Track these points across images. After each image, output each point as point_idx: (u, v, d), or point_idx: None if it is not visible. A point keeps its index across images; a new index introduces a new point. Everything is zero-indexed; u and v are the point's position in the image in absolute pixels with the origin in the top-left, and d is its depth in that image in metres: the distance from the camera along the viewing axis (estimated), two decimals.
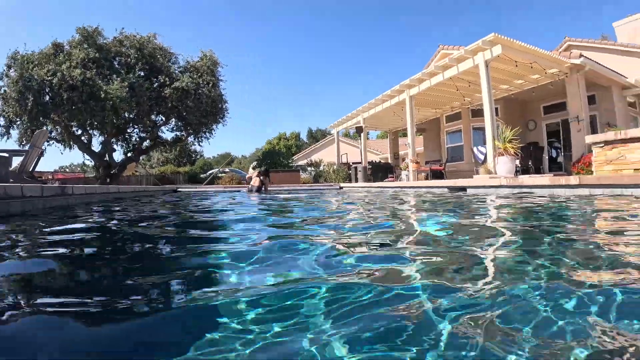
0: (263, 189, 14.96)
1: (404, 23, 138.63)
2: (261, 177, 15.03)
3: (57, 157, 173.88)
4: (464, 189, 10.13)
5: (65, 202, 6.54)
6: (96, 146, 23.86)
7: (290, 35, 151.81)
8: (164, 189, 17.71)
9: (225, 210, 6.54)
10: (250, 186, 14.93)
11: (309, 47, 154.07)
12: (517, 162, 12.03)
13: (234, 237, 3.23)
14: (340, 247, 2.55)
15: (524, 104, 19.17)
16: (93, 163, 24.18)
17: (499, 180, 9.55)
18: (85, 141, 22.87)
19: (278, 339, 1.14)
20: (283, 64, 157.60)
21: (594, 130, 14.53)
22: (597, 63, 14.36)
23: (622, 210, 4.56)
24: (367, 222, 4.45)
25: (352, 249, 2.47)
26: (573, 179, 7.44)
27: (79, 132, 22.41)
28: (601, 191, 6.93)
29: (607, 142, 8.39)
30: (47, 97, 18.28)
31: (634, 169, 7.78)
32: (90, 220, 4.88)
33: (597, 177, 7.36)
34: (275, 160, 27.17)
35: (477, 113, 18.80)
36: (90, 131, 22.34)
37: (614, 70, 15.17)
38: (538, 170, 15.85)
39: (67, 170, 57.26)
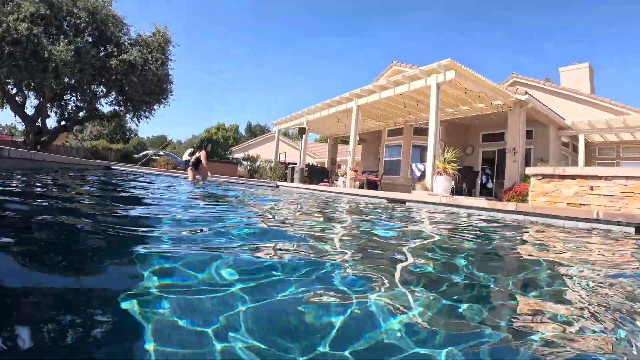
0: (200, 176, 14.14)
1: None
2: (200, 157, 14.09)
3: None
4: (403, 202, 10.16)
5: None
6: (29, 109, 22.16)
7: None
8: (98, 165, 16.73)
9: None
10: (191, 159, 14.04)
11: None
12: (453, 182, 12.28)
13: None
14: None
15: (465, 129, 19.74)
16: (24, 127, 22.49)
17: (438, 197, 9.65)
18: (20, 102, 21.23)
19: None
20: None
21: (527, 163, 15.18)
22: (540, 102, 15.02)
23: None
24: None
25: None
26: (510, 205, 7.60)
27: (14, 91, 20.75)
28: (535, 219, 7.14)
29: (545, 176, 8.70)
30: None
31: (567, 203, 8.10)
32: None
33: (533, 206, 7.57)
34: (213, 150, 26.42)
35: (419, 131, 19.16)
36: (26, 92, 20.76)
37: (554, 111, 15.92)
38: (470, 193, 16.32)
39: None
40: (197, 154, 14.30)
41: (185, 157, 23.23)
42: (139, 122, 24.36)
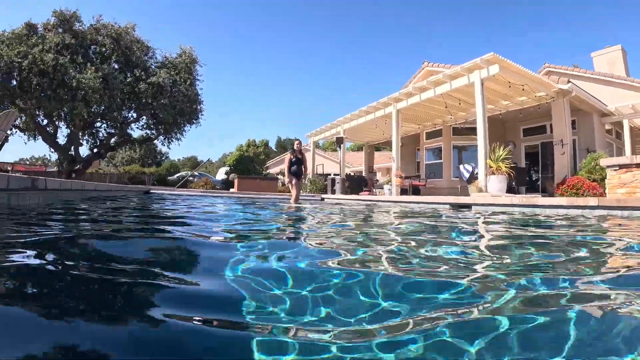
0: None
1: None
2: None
3: (19, 148, 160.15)
4: (468, 206, 10.12)
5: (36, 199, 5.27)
6: (61, 139, 22.63)
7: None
8: (138, 189, 16.98)
9: None
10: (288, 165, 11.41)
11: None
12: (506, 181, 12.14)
13: None
14: None
15: (502, 124, 19.61)
16: (57, 156, 22.96)
17: (502, 198, 9.62)
18: (51, 132, 21.71)
19: None
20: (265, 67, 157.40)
21: (574, 155, 15.00)
22: (582, 89, 14.86)
23: None
24: None
25: None
26: (592, 200, 7.54)
27: (45, 122, 21.26)
28: (619, 212, 7.07)
29: (621, 166, 8.60)
30: (15, 81, 17.18)
31: None
32: None
33: (616, 199, 7.50)
34: (249, 167, 26.64)
35: (458, 131, 19.11)
36: (57, 122, 21.26)
37: (596, 98, 15.73)
38: (519, 190, 16.20)
39: (27, 162, 53.88)
40: (289, 157, 11.46)
41: (221, 176, 23.34)
42: (169, 145, 24.46)
